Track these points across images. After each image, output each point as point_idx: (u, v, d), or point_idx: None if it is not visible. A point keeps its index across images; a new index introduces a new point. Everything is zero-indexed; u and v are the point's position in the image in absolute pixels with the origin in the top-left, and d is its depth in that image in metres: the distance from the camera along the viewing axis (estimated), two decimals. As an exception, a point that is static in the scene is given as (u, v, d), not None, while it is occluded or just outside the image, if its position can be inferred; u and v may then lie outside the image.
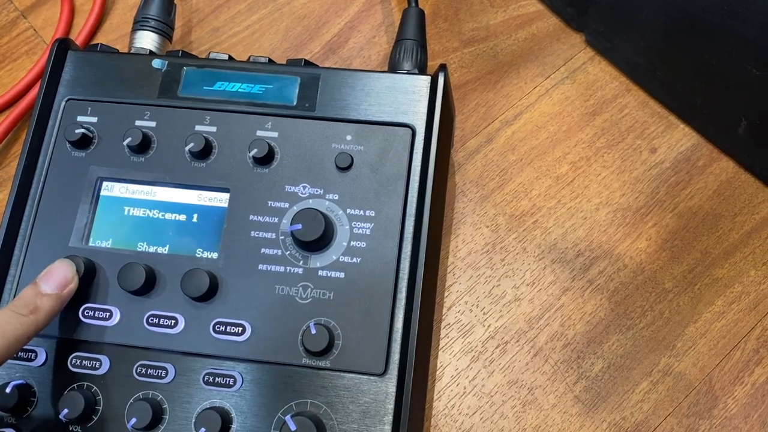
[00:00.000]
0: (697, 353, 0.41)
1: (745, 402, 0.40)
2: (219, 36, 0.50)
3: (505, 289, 0.43)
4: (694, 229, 0.44)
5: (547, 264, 0.43)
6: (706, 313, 0.42)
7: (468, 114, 0.47)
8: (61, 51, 0.40)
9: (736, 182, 0.45)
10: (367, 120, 0.38)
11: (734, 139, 0.44)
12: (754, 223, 0.44)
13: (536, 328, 0.42)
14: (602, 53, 0.48)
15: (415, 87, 0.39)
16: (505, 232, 0.44)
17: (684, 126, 0.47)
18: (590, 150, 0.46)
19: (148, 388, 0.35)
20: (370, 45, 0.49)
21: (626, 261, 0.43)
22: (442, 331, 0.42)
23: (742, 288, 0.43)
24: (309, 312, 0.35)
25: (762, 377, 0.41)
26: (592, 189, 0.45)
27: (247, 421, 0.34)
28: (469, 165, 0.46)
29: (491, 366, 0.41)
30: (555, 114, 0.47)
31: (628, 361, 0.41)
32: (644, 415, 0.40)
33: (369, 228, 0.36)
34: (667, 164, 0.46)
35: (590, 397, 0.40)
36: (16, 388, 0.34)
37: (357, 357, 0.34)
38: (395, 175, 0.37)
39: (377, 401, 0.34)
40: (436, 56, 0.49)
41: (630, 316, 0.42)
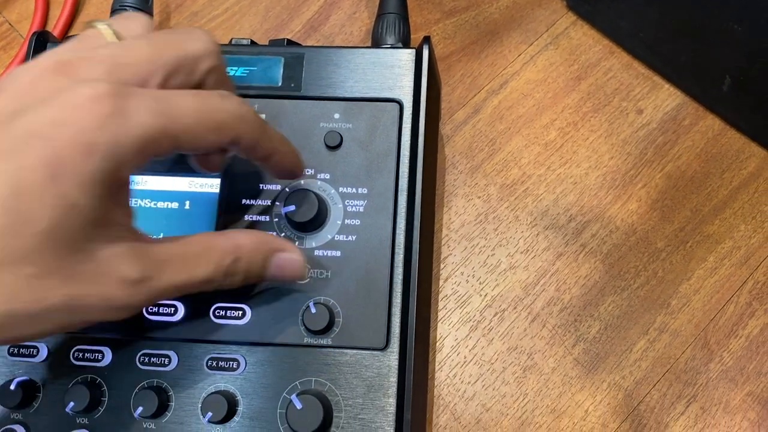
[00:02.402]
0: (692, 310, 0.42)
1: (741, 354, 0.41)
2: (198, 20, 0.50)
3: (500, 258, 0.43)
4: (684, 187, 0.44)
5: (540, 231, 0.44)
6: (699, 270, 0.43)
7: (454, 85, 0.47)
8: (39, 44, 0.40)
9: (722, 139, 0.45)
10: (354, 97, 0.38)
11: (719, 97, 0.45)
12: (741, 179, 0.44)
13: (532, 295, 0.42)
14: (584, 17, 0.48)
15: (399, 61, 0.38)
16: (496, 202, 0.44)
17: (669, 86, 0.47)
18: (577, 115, 0.46)
19: (152, 376, 0.35)
20: (351, 21, 0.49)
21: (618, 223, 0.44)
22: (440, 303, 0.42)
23: (733, 243, 0.43)
24: (308, 292, 0.35)
25: (756, 329, 0.41)
26: (580, 154, 0.45)
27: (253, 403, 0.34)
28: (458, 137, 0.46)
29: (490, 334, 0.42)
30: (540, 81, 0.47)
31: (625, 322, 0.42)
32: (643, 373, 0.41)
33: (362, 205, 0.36)
34: (653, 125, 0.46)
35: (589, 359, 0.41)
36: (19, 384, 0.34)
37: (358, 333, 0.34)
38: (385, 150, 0.37)
39: (380, 375, 0.34)
40: (419, 29, 0.48)
41: (624, 277, 0.43)
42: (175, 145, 0.26)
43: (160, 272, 0.27)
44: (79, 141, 0.23)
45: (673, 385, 0.40)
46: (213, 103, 0.27)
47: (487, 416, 0.40)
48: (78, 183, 0.23)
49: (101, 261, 0.25)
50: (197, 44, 0.28)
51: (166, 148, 0.26)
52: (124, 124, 0.24)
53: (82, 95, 0.24)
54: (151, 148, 0.25)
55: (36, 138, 0.23)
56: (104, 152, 0.23)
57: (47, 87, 0.24)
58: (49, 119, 0.23)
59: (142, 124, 0.24)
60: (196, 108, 0.26)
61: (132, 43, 0.27)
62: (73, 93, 0.24)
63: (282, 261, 0.32)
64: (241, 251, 0.30)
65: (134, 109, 0.24)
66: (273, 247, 0.32)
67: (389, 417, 0.33)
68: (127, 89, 0.25)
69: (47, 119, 0.23)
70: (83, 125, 0.23)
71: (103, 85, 0.24)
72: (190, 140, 0.26)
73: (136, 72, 0.26)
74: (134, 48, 0.27)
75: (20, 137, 0.23)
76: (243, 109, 0.28)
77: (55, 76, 0.25)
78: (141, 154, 0.25)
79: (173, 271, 0.28)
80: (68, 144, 0.23)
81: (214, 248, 0.29)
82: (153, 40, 0.27)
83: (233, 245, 0.30)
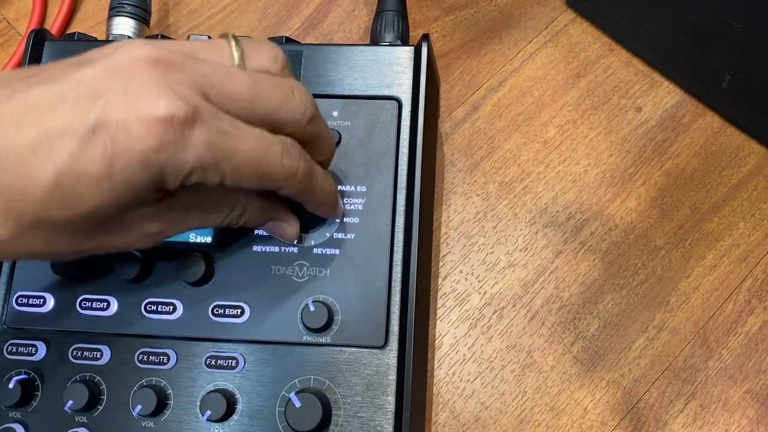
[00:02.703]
0: (691, 307, 0.42)
1: (740, 352, 0.41)
2: (197, 18, 0.49)
3: (499, 256, 0.43)
4: (683, 185, 0.44)
5: (539, 228, 0.44)
6: (698, 268, 0.43)
7: (453, 83, 0.47)
8: (37, 42, 0.40)
9: (721, 136, 0.45)
10: (353, 95, 0.38)
11: (718, 94, 0.44)
12: (741, 176, 0.44)
13: (531, 293, 0.42)
14: (583, 14, 0.48)
15: (398, 58, 0.38)
16: (495, 200, 0.44)
17: (668, 83, 0.47)
18: (576, 112, 0.46)
19: (151, 374, 0.35)
20: (350, 18, 0.49)
21: (617, 221, 0.44)
22: (439, 301, 0.42)
23: (732, 240, 0.43)
24: (306, 290, 0.35)
25: (755, 327, 0.41)
26: (579, 151, 0.45)
27: (252, 401, 0.34)
28: (457, 134, 0.46)
29: (489, 332, 0.42)
30: (539, 78, 0.47)
31: (624, 319, 0.42)
32: (642, 371, 0.41)
33: (361, 203, 0.36)
34: (653, 122, 0.46)
35: (588, 357, 0.41)
36: (18, 382, 0.34)
37: (357, 331, 0.34)
38: (384, 148, 0.37)
39: (379, 373, 0.34)
40: (418, 26, 0.48)
41: (623, 275, 0.42)
42: (219, 181, 0.27)
43: (177, 223, 0.30)
44: (137, 156, 0.25)
45: (672, 383, 0.40)
46: (271, 156, 0.28)
47: (486, 414, 0.40)
48: (127, 186, 0.25)
49: (131, 222, 0.28)
50: (291, 112, 0.29)
51: (210, 180, 0.27)
52: (181, 153, 0.25)
53: (156, 111, 0.25)
54: (196, 177, 0.26)
55: (103, 132, 0.24)
56: (156, 170, 0.25)
57: (137, 78, 0.25)
58: (121, 120, 0.24)
59: (196, 156, 0.26)
60: (253, 154, 0.27)
61: (237, 75, 0.28)
62: (150, 103, 0.25)
63: (277, 228, 0.34)
64: (247, 209, 0.32)
65: (196, 140, 0.25)
66: (273, 216, 0.34)
67: (388, 415, 0.33)
68: (199, 114, 0.25)
69: (119, 119, 0.24)
70: (146, 144, 0.25)
71: (179, 107, 0.25)
72: (233, 180, 0.28)
73: (224, 102, 0.27)
74: (236, 81, 0.27)
75: (93, 124, 0.24)
76: (296, 165, 0.29)
77: (148, 69, 0.26)
78: (187, 180, 0.26)
79: (188, 221, 0.30)
80: (127, 153, 0.25)
81: (228, 202, 0.31)
82: (257, 84, 0.28)
83: (244, 202, 0.32)
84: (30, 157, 0.24)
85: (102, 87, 0.25)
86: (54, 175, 0.24)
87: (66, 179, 0.24)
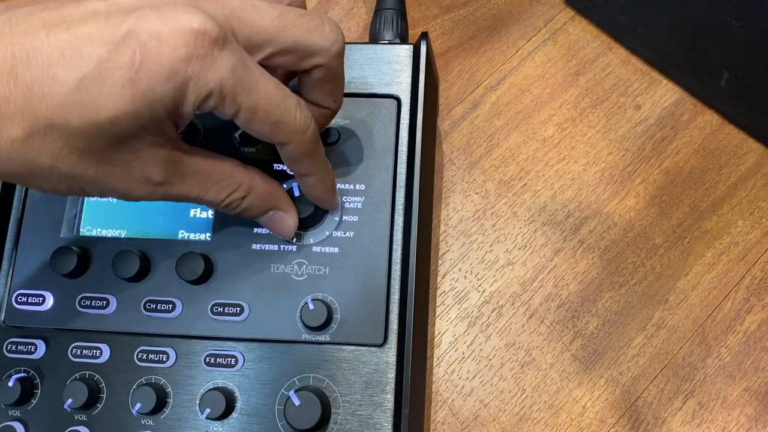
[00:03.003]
0: (690, 305, 0.42)
1: (738, 350, 0.41)
2: (195, 16, 0.49)
3: (498, 254, 0.43)
4: (682, 183, 0.44)
5: (537, 227, 0.44)
6: (697, 266, 0.43)
7: (452, 81, 0.47)
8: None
9: (720, 135, 0.45)
10: (352, 93, 0.38)
11: (717, 92, 0.45)
12: (739, 174, 0.44)
13: (530, 291, 0.42)
14: (582, 13, 0.48)
15: (397, 57, 0.38)
16: (494, 198, 0.44)
17: (667, 81, 0.47)
18: (575, 111, 0.46)
19: (150, 373, 0.35)
20: (348, 17, 0.49)
21: (616, 219, 0.44)
22: (438, 299, 0.42)
23: (731, 239, 0.43)
24: (306, 288, 0.35)
25: (753, 325, 0.42)
26: (578, 149, 0.45)
27: (251, 399, 0.34)
28: (456, 133, 0.46)
29: (488, 330, 0.42)
30: (538, 76, 0.47)
31: (622, 318, 0.42)
32: (640, 369, 0.41)
33: (360, 202, 0.36)
34: (651, 120, 0.46)
35: (587, 355, 0.41)
36: (18, 381, 0.34)
37: (356, 329, 0.34)
38: (383, 147, 0.37)
39: (378, 371, 0.34)
40: (417, 24, 0.48)
41: (622, 273, 0.43)
42: (233, 113, 0.27)
43: (179, 182, 0.29)
44: (166, 64, 0.25)
45: (670, 381, 0.41)
46: (287, 105, 0.29)
47: (485, 412, 0.40)
48: (148, 98, 0.25)
49: (137, 158, 0.28)
50: (320, 40, 0.29)
51: (227, 112, 0.27)
52: (206, 70, 0.26)
53: (190, 23, 0.25)
54: (215, 103, 0.27)
55: (134, 40, 0.25)
56: (180, 85, 0.25)
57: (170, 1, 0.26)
58: (154, 30, 0.25)
59: (220, 78, 0.26)
60: (271, 98, 0.28)
61: (265, 6, 0.28)
62: (185, 17, 0.25)
63: (276, 218, 0.34)
64: (251, 193, 0.32)
65: (223, 62, 0.26)
66: (276, 205, 0.34)
67: (387, 413, 0.33)
68: (228, 39, 0.26)
69: (152, 28, 0.25)
70: (176, 53, 0.25)
71: (212, 25, 0.25)
72: (246, 118, 0.28)
73: (250, 35, 0.28)
74: (263, 12, 0.28)
75: (124, 33, 0.25)
76: (307, 123, 0.30)
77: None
78: (204, 104, 0.27)
79: (190, 185, 0.30)
80: (156, 61, 0.25)
81: (233, 180, 0.31)
82: (284, 15, 0.28)
83: (249, 184, 0.32)
84: (58, 58, 0.24)
85: (137, 4, 0.26)
86: (79, 77, 0.24)
87: (90, 82, 0.25)
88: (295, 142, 0.30)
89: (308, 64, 0.29)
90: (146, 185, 0.29)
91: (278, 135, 0.29)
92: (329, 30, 0.29)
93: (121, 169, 0.28)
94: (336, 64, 0.30)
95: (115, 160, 0.27)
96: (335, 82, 0.31)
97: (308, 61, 0.29)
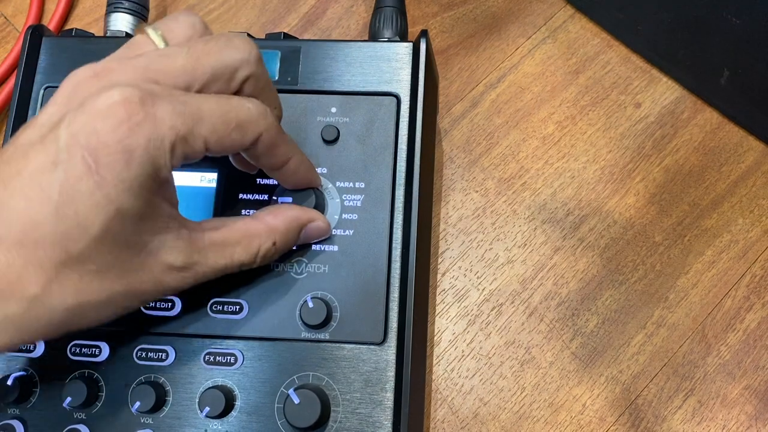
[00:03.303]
0: (690, 303, 0.42)
1: (738, 348, 0.41)
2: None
3: (498, 252, 0.43)
4: (681, 181, 0.44)
5: (537, 225, 0.44)
6: (697, 264, 0.43)
7: (452, 79, 0.47)
8: (35, 38, 0.40)
9: (720, 133, 0.45)
10: (351, 91, 0.38)
11: (717, 90, 0.44)
12: (739, 172, 0.44)
13: (530, 289, 0.42)
14: (582, 10, 0.48)
15: (397, 55, 0.38)
16: (494, 196, 0.44)
17: (667, 79, 0.47)
18: (575, 108, 0.46)
19: (149, 371, 0.35)
20: (348, 15, 0.49)
21: (616, 217, 0.44)
22: (438, 297, 0.42)
23: (731, 237, 0.43)
24: (305, 286, 0.35)
25: (753, 323, 0.41)
26: (578, 147, 0.45)
27: (251, 398, 0.34)
28: (456, 131, 0.46)
29: (488, 328, 0.42)
30: (538, 74, 0.47)
31: (622, 316, 0.42)
32: (640, 367, 0.41)
33: (359, 200, 0.36)
34: (651, 118, 0.46)
35: (587, 353, 0.41)
36: (16, 379, 0.34)
37: (355, 327, 0.34)
38: (382, 145, 0.37)
39: (378, 369, 0.34)
40: (416, 22, 0.48)
41: (622, 271, 0.42)
42: (204, 145, 0.27)
43: (203, 258, 0.30)
44: (117, 147, 0.25)
45: (670, 379, 0.40)
46: (234, 103, 0.29)
47: (484, 410, 0.40)
48: (122, 189, 0.25)
49: (151, 251, 0.28)
50: (235, 54, 0.29)
51: (197, 148, 0.27)
52: (154, 129, 0.25)
53: (112, 100, 0.25)
54: (183, 149, 0.27)
55: (77, 146, 0.25)
56: (140, 158, 0.25)
57: (84, 93, 0.26)
58: (85, 127, 0.25)
59: (170, 127, 0.26)
60: (219, 108, 0.28)
61: (171, 50, 0.28)
62: (104, 98, 0.25)
63: (310, 231, 0.34)
64: (275, 235, 0.32)
65: (162, 113, 0.26)
66: (303, 222, 0.34)
67: (387, 411, 0.33)
68: (153, 94, 0.26)
69: (83, 127, 0.25)
70: (118, 133, 0.25)
71: (131, 91, 0.25)
72: (217, 140, 0.28)
73: (173, 81, 0.27)
74: (173, 56, 0.28)
75: (64, 146, 0.25)
76: (262, 108, 0.30)
77: (93, 81, 0.27)
78: (175, 156, 0.26)
79: (215, 257, 0.30)
80: (107, 152, 0.25)
81: (252, 235, 0.31)
82: (192, 49, 0.28)
83: (268, 230, 0.32)
84: (26, 203, 0.25)
85: (59, 114, 0.26)
86: (53, 210, 0.25)
87: (65, 207, 0.25)
88: (264, 128, 0.29)
89: (238, 82, 0.29)
90: (173, 274, 0.29)
91: (248, 132, 0.29)
92: (239, 43, 0.29)
93: (143, 270, 0.28)
94: (261, 71, 0.30)
95: (133, 265, 0.27)
96: (267, 88, 0.31)
97: (236, 79, 0.29)
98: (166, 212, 0.28)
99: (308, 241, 0.35)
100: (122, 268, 0.27)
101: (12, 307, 0.25)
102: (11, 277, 0.25)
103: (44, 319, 0.26)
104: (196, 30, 0.30)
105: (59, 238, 0.25)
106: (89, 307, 0.27)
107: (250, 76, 0.30)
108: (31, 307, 0.25)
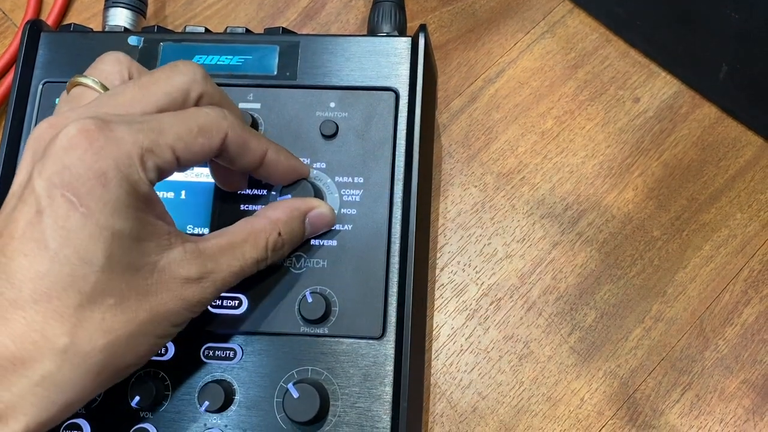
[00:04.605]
0: (688, 298, 0.42)
1: (736, 342, 0.41)
2: (193, 9, 0.49)
3: (496, 247, 0.43)
4: (680, 176, 0.44)
5: (536, 219, 0.44)
6: (695, 258, 0.43)
7: (450, 74, 0.47)
8: (33, 33, 0.40)
9: (719, 127, 0.45)
10: (350, 86, 0.38)
11: (716, 85, 0.44)
12: (738, 167, 0.44)
13: (528, 283, 0.42)
14: (581, 5, 0.48)
15: (395, 49, 0.38)
16: (493, 191, 0.44)
17: (665, 74, 0.47)
18: (574, 103, 0.46)
19: (148, 366, 0.35)
20: (347, 9, 0.49)
21: (614, 212, 0.44)
22: (436, 292, 0.42)
23: (729, 231, 0.43)
24: (304, 281, 0.35)
25: (751, 317, 0.42)
26: (577, 142, 0.45)
27: (250, 392, 0.34)
28: (454, 126, 0.46)
29: (486, 323, 0.42)
30: (537, 69, 0.47)
31: (621, 310, 0.42)
32: (638, 361, 0.41)
33: (358, 194, 0.36)
34: (650, 113, 0.46)
35: (585, 347, 0.41)
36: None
37: (354, 322, 0.35)
38: (381, 139, 0.37)
39: (377, 364, 0.34)
40: (415, 17, 0.48)
41: (620, 266, 0.43)
42: (173, 154, 0.28)
43: (216, 265, 0.30)
44: (90, 176, 0.25)
45: (668, 373, 0.41)
46: (191, 112, 0.29)
47: (483, 404, 0.40)
48: (109, 212, 0.25)
49: (162, 270, 0.28)
50: (182, 77, 0.30)
51: (167, 158, 0.27)
52: (118, 149, 0.26)
53: (71, 134, 0.26)
54: (153, 160, 0.27)
55: (54, 188, 0.25)
56: (115, 177, 0.26)
57: (44, 143, 0.27)
58: (54, 167, 0.25)
59: (133, 143, 0.26)
60: (177, 119, 0.28)
61: (119, 88, 0.29)
62: (62, 135, 0.26)
63: (314, 219, 0.35)
64: (279, 225, 0.32)
65: (121, 134, 0.26)
66: (303, 210, 0.34)
67: (386, 405, 0.34)
68: (108, 121, 0.26)
69: (53, 168, 0.25)
70: (87, 161, 0.25)
71: (86, 121, 0.26)
72: (185, 147, 0.28)
73: (127, 111, 0.28)
74: (121, 91, 0.29)
75: (43, 193, 0.25)
76: (219, 110, 0.30)
77: (49, 130, 0.27)
78: (147, 169, 0.27)
79: (228, 261, 0.30)
80: (81, 181, 0.25)
81: (255, 231, 0.32)
82: (140, 81, 0.29)
83: (271, 222, 0.32)
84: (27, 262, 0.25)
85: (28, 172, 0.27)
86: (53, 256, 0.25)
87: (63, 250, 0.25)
88: (228, 127, 0.30)
89: (191, 102, 0.30)
90: (192, 286, 0.29)
91: (213, 134, 0.29)
92: (182, 66, 0.30)
93: (161, 290, 0.28)
94: (211, 87, 0.31)
95: (150, 287, 0.27)
96: (222, 100, 0.32)
97: (190, 100, 0.30)
98: (165, 230, 0.28)
99: (316, 232, 0.35)
100: (140, 293, 0.27)
101: (46, 366, 0.25)
102: (35, 336, 0.25)
103: (81, 367, 0.26)
104: (122, 63, 0.31)
105: (69, 282, 0.25)
106: (121, 343, 0.26)
107: (203, 93, 0.30)
108: (64, 359, 0.25)
